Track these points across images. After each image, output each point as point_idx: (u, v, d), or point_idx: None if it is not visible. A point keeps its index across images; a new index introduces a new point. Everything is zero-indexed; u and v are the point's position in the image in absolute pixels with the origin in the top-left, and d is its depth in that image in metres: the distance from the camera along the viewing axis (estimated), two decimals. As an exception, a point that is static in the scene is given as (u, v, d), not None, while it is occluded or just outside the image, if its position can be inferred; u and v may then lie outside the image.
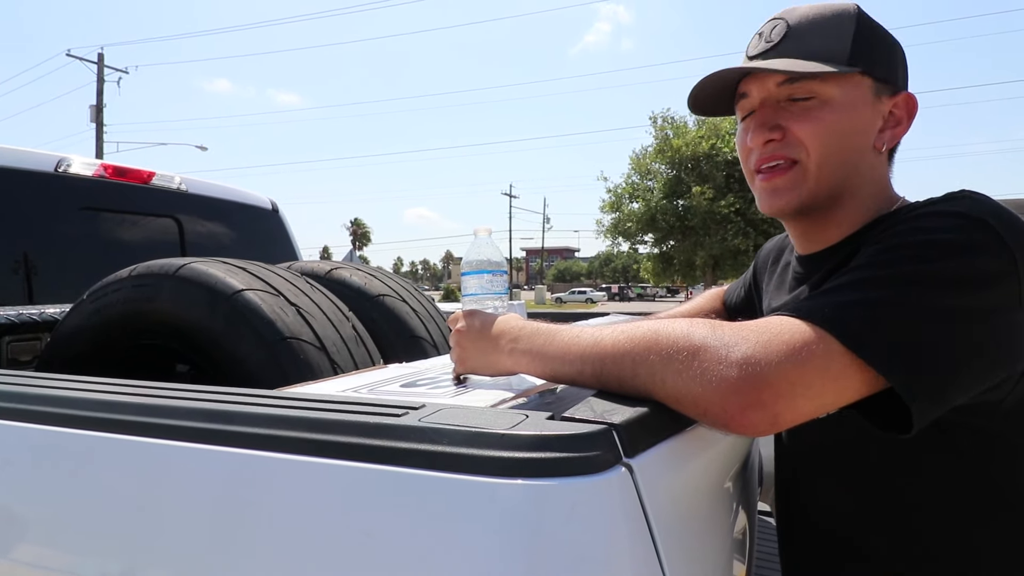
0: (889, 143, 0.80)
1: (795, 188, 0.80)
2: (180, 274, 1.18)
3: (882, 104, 0.79)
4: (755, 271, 1.15)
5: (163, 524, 0.60)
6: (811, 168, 0.78)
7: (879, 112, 0.79)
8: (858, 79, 0.77)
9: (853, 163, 0.78)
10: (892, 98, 0.80)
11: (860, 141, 0.78)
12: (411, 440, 0.51)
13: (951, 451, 0.71)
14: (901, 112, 0.80)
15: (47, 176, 2.01)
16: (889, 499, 0.76)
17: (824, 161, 0.78)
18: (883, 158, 0.82)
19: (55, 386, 0.74)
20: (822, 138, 0.77)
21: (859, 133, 0.78)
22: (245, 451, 0.56)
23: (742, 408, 0.54)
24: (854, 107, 0.77)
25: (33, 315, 1.58)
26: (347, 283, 1.52)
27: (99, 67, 20.55)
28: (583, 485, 0.46)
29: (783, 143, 0.79)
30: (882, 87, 0.79)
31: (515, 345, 0.71)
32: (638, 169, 20.17)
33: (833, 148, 0.77)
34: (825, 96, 0.76)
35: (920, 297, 0.58)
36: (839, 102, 0.77)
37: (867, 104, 0.78)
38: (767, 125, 0.80)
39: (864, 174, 0.80)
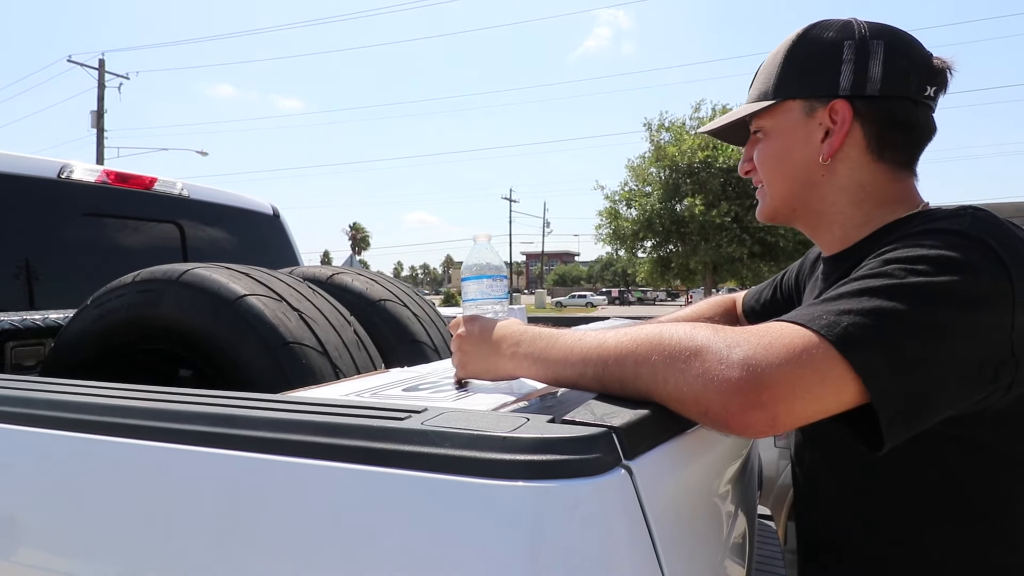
0: (827, 152, 0.82)
1: (762, 205, 0.94)
2: (183, 279, 1.19)
3: (817, 118, 0.83)
4: (796, 275, 1.17)
5: (167, 528, 0.60)
6: (766, 189, 0.91)
7: (815, 126, 0.83)
8: (787, 105, 0.85)
9: (801, 179, 0.86)
10: (826, 108, 0.82)
11: (799, 158, 0.85)
12: (414, 443, 0.51)
13: (934, 461, 0.72)
14: (837, 118, 0.81)
15: (50, 182, 2.02)
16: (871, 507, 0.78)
17: (770, 181, 0.90)
18: (851, 164, 0.82)
19: (58, 391, 0.75)
20: (763, 165, 0.90)
21: (795, 152, 0.85)
22: (248, 454, 0.57)
23: (743, 408, 0.55)
24: (784, 132, 0.86)
25: (37, 320, 1.58)
26: (349, 288, 1.53)
27: (100, 73, 20.61)
28: (583, 487, 0.47)
29: (754, 171, 0.93)
30: (813, 103, 0.83)
31: (517, 349, 0.72)
32: (635, 176, 20.20)
33: (773, 171, 0.89)
34: (766, 128, 0.88)
35: (912, 310, 0.59)
36: (773, 131, 0.87)
37: (798, 125, 0.84)
38: (744, 159, 0.96)
39: (821, 185, 0.84)
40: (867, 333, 0.58)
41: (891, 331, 0.59)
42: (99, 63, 20.61)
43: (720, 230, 18.11)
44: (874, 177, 0.82)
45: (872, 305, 0.60)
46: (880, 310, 0.59)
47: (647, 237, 19.78)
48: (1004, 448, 0.70)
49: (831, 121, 0.81)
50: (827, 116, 0.82)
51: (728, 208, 17.92)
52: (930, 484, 0.73)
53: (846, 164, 0.82)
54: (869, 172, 0.82)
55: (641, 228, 19.47)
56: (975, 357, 0.61)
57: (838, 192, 0.84)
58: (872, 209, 0.83)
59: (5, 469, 0.72)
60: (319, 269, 1.64)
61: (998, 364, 0.62)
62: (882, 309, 0.60)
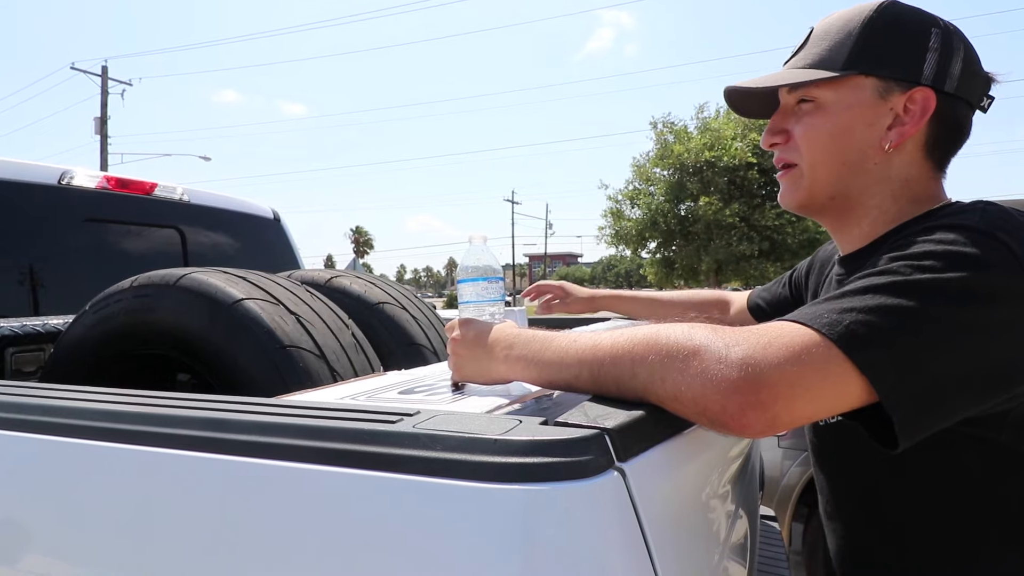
0: (895, 141, 0.77)
1: (792, 189, 0.85)
2: (181, 284, 1.18)
3: (891, 102, 0.77)
4: (805, 274, 1.15)
5: (160, 532, 0.60)
6: (805, 170, 0.83)
7: (885, 110, 0.78)
8: (858, 80, 0.78)
9: (852, 163, 0.79)
10: (905, 94, 0.77)
11: (857, 141, 0.79)
12: (405, 446, 0.51)
13: (956, 464, 0.70)
14: (915, 108, 0.77)
15: (51, 188, 2.03)
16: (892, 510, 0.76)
17: (815, 163, 0.82)
18: (905, 157, 0.79)
19: (49, 396, 0.74)
20: (812, 141, 0.81)
21: (855, 133, 0.79)
22: (240, 459, 0.57)
23: (741, 408, 0.54)
24: (849, 109, 0.78)
25: (36, 326, 1.59)
26: (347, 291, 1.53)
27: (103, 80, 20.71)
28: (575, 490, 0.46)
29: (786, 147, 0.84)
30: (891, 85, 0.77)
31: (510, 352, 0.72)
32: (639, 175, 20.15)
33: (823, 150, 0.81)
34: (821, 100, 0.80)
35: (920, 308, 0.58)
36: (833, 105, 0.79)
37: (867, 104, 0.78)
38: (772, 130, 0.86)
39: (871, 173, 0.80)
40: (871, 331, 0.57)
41: (896, 329, 0.57)
42: (102, 70, 20.71)
43: (729, 229, 18.06)
44: (920, 173, 0.80)
45: (876, 302, 0.58)
46: (885, 307, 0.58)
47: (652, 237, 19.74)
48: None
49: (904, 109, 0.77)
50: (903, 102, 0.77)
51: (737, 207, 17.87)
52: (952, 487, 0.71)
53: (901, 156, 0.79)
54: (917, 168, 0.80)
55: (646, 228, 19.43)
56: (988, 355, 0.59)
57: (882, 184, 0.80)
58: (906, 205, 0.80)
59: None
60: (317, 272, 1.63)
61: (1015, 363, 0.60)
62: (887, 306, 0.58)
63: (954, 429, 0.63)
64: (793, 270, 1.22)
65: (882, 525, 0.78)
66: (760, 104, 0.91)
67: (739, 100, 0.92)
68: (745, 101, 0.92)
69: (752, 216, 17.80)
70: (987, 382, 0.60)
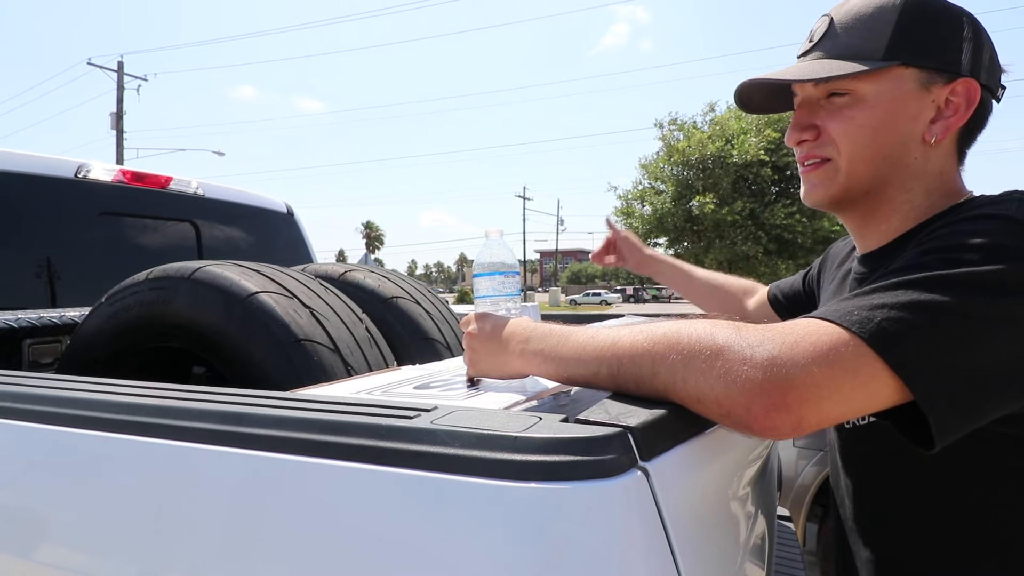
0: (941, 134, 0.75)
1: (825, 184, 0.82)
2: (195, 277, 1.18)
3: (933, 93, 0.75)
4: (819, 270, 1.12)
5: (175, 526, 0.60)
6: (842, 165, 0.79)
7: (928, 103, 0.75)
8: (898, 72, 0.75)
9: (893, 158, 0.77)
10: (947, 86, 0.74)
11: (899, 135, 0.76)
12: (423, 442, 0.50)
13: (994, 466, 0.68)
14: (959, 100, 0.74)
15: (68, 182, 2.04)
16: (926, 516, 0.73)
17: (855, 158, 0.78)
18: (941, 150, 0.77)
19: (67, 388, 0.74)
20: (852, 136, 0.77)
21: (898, 127, 0.76)
22: (257, 453, 0.56)
23: (766, 410, 0.53)
24: (891, 102, 0.75)
25: (54, 318, 1.60)
26: (361, 285, 1.53)
27: (119, 75, 20.89)
28: (597, 489, 0.45)
29: (817, 143, 0.81)
30: (933, 76, 0.74)
31: (526, 346, 0.70)
32: (649, 174, 20.06)
33: (864, 145, 0.77)
34: (860, 93, 0.76)
35: (956, 302, 0.55)
36: (874, 98, 0.76)
37: (910, 97, 0.75)
38: (800, 126, 0.82)
39: (910, 168, 0.77)
40: (903, 328, 0.54)
41: (930, 325, 0.55)
42: (118, 65, 20.89)
43: (734, 227, 17.92)
44: (951, 166, 0.78)
45: (909, 298, 0.56)
46: (918, 303, 0.55)
47: (660, 235, 19.66)
48: None
49: (946, 101, 0.75)
50: (945, 94, 0.74)
51: (743, 205, 17.72)
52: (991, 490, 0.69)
53: (938, 150, 0.77)
54: (950, 161, 0.78)
55: (653, 227, 19.35)
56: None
57: (919, 178, 0.77)
58: (939, 199, 0.77)
59: (14, 466, 0.72)
60: (331, 266, 1.63)
61: None
62: (920, 302, 0.55)
63: (991, 428, 0.61)
64: (810, 267, 1.20)
65: (915, 531, 0.75)
66: (767, 98, 0.88)
67: (745, 94, 0.87)
68: (751, 95, 0.88)
69: (762, 214, 17.63)
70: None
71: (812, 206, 0.86)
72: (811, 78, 0.77)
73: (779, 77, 0.80)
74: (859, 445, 0.83)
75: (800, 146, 0.83)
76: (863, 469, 0.83)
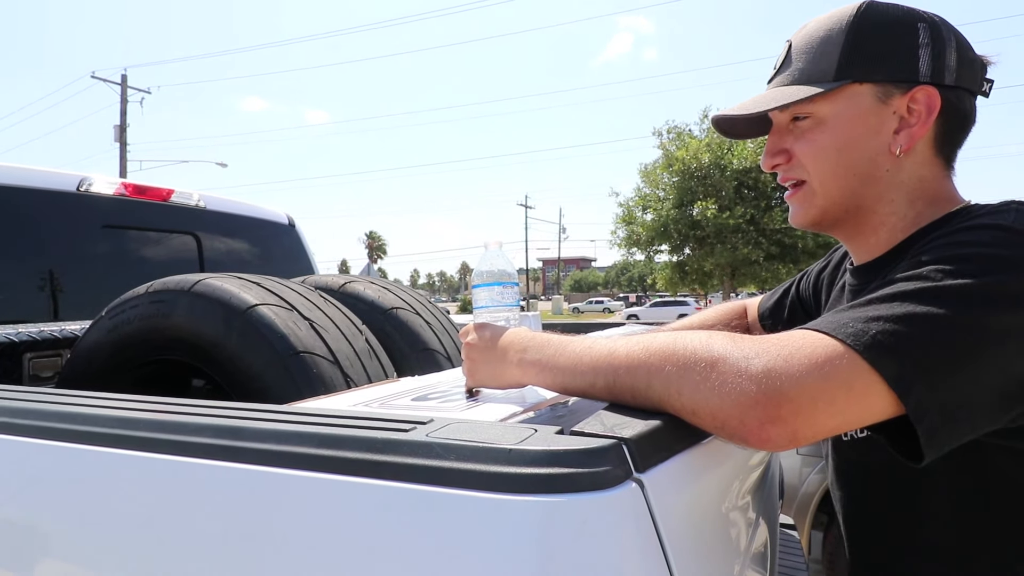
0: (905, 144, 0.74)
1: (805, 207, 0.82)
2: (195, 290, 1.19)
3: (892, 105, 0.75)
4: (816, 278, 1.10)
5: (171, 542, 0.59)
6: (815, 187, 0.80)
7: (888, 115, 0.75)
8: (853, 89, 0.75)
9: (863, 173, 0.77)
10: (906, 95, 0.74)
11: (865, 150, 0.76)
12: (418, 456, 0.50)
13: (990, 477, 0.67)
14: (920, 107, 0.74)
15: (70, 195, 2.06)
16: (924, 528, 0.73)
17: (825, 178, 0.79)
18: (915, 159, 0.76)
19: (63, 403, 0.74)
20: (818, 157, 0.78)
21: (862, 143, 0.76)
22: (252, 467, 0.56)
23: (761, 422, 0.52)
24: (850, 120, 0.76)
25: (54, 332, 1.60)
26: (360, 296, 1.53)
27: (123, 88, 21.05)
28: (592, 501, 0.45)
29: (789, 166, 0.82)
30: (889, 88, 0.74)
31: (524, 356, 0.70)
32: (648, 182, 20.13)
33: (831, 164, 0.78)
34: (819, 115, 0.77)
35: (952, 315, 0.55)
36: (833, 119, 0.77)
37: (869, 112, 0.75)
38: (771, 151, 0.83)
39: (884, 180, 0.77)
40: (899, 341, 0.54)
41: (926, 338, 0.54)
42: (122, 78, 21.06)
43: (735, 232, 17.93)
44: (932, 173, 0.77)
45: (905, 310, 0.55)
46: (914, 315, 0.55)
47: (662, 242, 19.69)
48: None
49: (908, 110, 0.74)
50: (905, 104, 0.74)
51: (744, 211, 17.74)
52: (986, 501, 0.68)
53: (912, 158, 0.76)
54: (929, 167, 0.77)
55: (656, 235, 19.38)
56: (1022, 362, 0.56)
57: (896, 189, 0.77)
58: (924, 208, 0.77)
59: (9, 480, 0.72)
60: (331, 278, 1.63)
61: None
62: (916, 314, 0.55)
63: (986, 441, 0.60)
64: (802, 274, 1.17)
65: (912, 543, 0.75)
66: (748, 126, 0.89)
67: (727, 125, 0.88)
68: (733, 125, 0.89)
69: (762, 219, 17.63)
70: (1020, 390, 0.57)
71: (799, 228, 0.86)
72: (762, 109, 0.78)
73: (735, 112, 0.82)
74: (854, 458, 0.82)
75: (775, 170, 0.84)
76: (859, 482, 0.83)
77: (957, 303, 0.55)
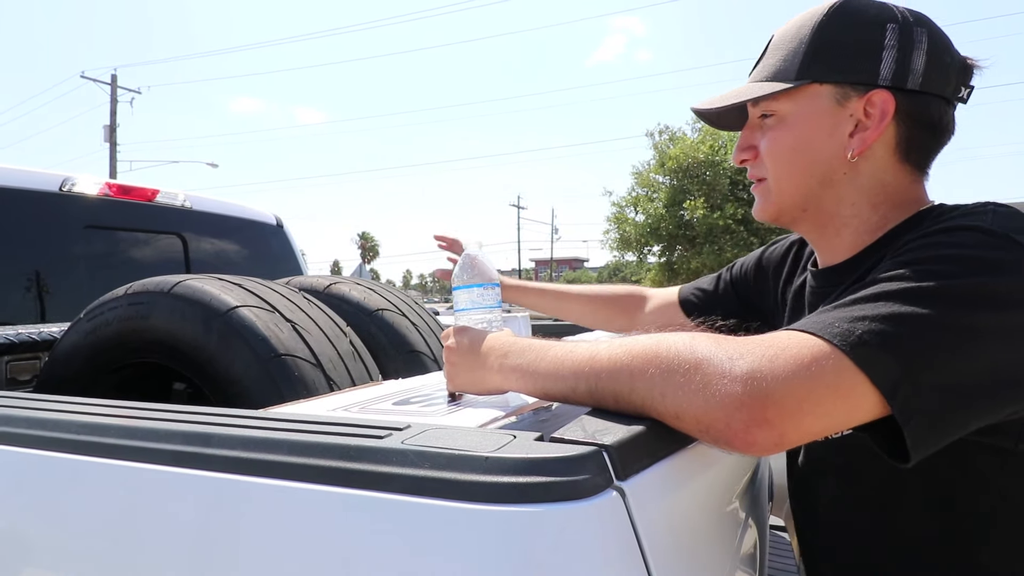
0: (858, 148, 0.73)
1: (763, 203, 0.84)
2: (175, 291, 1.16)
3: (849, 108, 0.74)
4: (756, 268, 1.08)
5: (136, 553, 0.57)
6: (771, 184, 0.81)
7: (845, 117, 0.74)
8: (814, 89, 0.75)
9: (818, 174, 0.77)
10: (863, 98, 0.73)
11: (820, 152, 0.76)
12: (392, 464, 0.48)
13: (972, 476, 0.67)
14: (875, 111, 0.73)
15: (52, 196, 2.02)
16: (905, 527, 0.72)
17: (780, 176, 0.80)
18: (875, 163, 0.75)
19: (22, 407, 0.72)
20: (775, 155, 0.79)
21: (817, 144, 0.76)
22: (221, 475, 0.54)
23: (747, 425, 0.51)
24: (807, 119, 0.76)
25: (32, 335, 1.57)
26: (345, 298, 1.51)
27: (112, 88, 20.89)
28: (570, 511, 0.44)
29: (755, 162, 0.83)
30: (847, 90, 0.74)
31: (504, 361, 0.69)
32: (640, 182, 20.21)
33: (786, 163, 0.79)
34: (782, 113, 0.78)
35: (937, 315, 0.55)
36: (792, 117, 0.77)
37: (825, 113, 0.75)
38: (740, 147, 0.84)
39: (840, 183, 0.76)
40: (885, 341, 0.54)
41: (912, 338, 0.54)
42: (111, 78, 20.90)
43: (725, 233, 18.00)
44: (896, 179, 0.76)
45: (890, 311, 0.55)
46: (899, 315, 0.55)
47: (654, 242, 19.77)
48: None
49: (864, 113, 0.73)
50: (862, 107, 0.73)
51: (734, 210, 17.81)
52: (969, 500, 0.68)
53: (871, 162, 0.75)
54: (892, 173, 0.76)
55: (647, 235, 19.45)
56: (1006, 362, 0.56)
57: (857, 192, 0.77)
58: (889, 211, 0.76)
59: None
60: (316, 279, 1.61)
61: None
62: (901, 314, 0.55)
63: (968, 440, 0.60)
64: (731, 266, 1.15)
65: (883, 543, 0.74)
66: (732, 118, 0.88)
67: (715, 118, 0.89)
68: (721, 118, 0.88)
69: (754, 221, 17.72)
70: (1005, 390, 0.57)
71: (760, 221, 0.87)
72: (727, 104, 0.80)
73: (705, 107, 0.84)
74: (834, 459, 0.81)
75: (743, 165, 0.85)
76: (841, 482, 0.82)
77: (942, 304, 0.55)
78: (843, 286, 0.74)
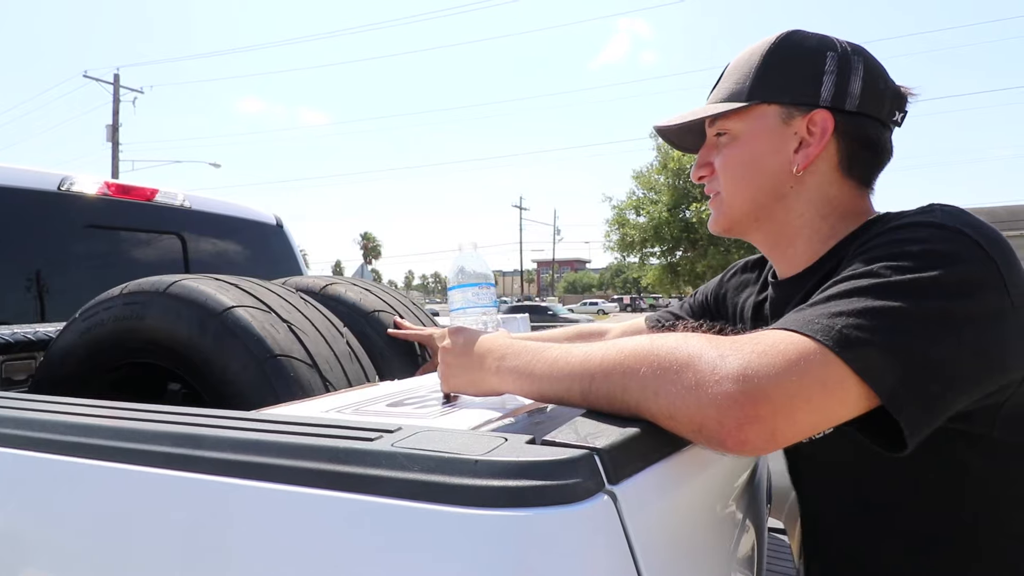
0: (802, 163, 0.79)
1: (716, 216, 0.90)
2: (170, 291, 1.16)
3: (793, 126, 0.80)
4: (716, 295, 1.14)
5: (125, 557, 0.57)
6: (724, 198, 0.87)
7: (790, 135, 0.80)
8: (761, 109, 0.81)
9: (767, 188, 0.82)
10: (805, 117, 0.79)
11: (768, 167, 0.82)
12: (381, 467, 0.48)
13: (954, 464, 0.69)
14: (816, 129, 0.79)
15: (50, 195, 2.02)
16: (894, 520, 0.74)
17: (731, 190, 0.86)
18: (820, 178, 0.81)
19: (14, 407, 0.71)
20: (727, 170, 0.85)
21: (764, 160, 0.82)
22: (211, 477, 0.53)
23: (739, 423, 0.52)
24: (755, 137, 0.82)
25: (27, 334, 1.57)
26: (342, 299, 1.50)
27: (115, 88, 20.92)
28: (560, 516, 0.43)
29: (712, 178, 0.89)
30: (791, 110, 0.80)
31: (502, 363, 0.69)
32: (642, 184, 20.23)
33: (737, 178, 0.84)
34: (734, 132, 0.84)
35: (908, 306, 0.57)
36: (742, 135, 0.83)
37: (772, 131, 0.81)
38: (699, 163, 0.90)
39: (788, 196, 0.82)
40: (865, 333, 0.56)
41: (889, 329, 0.57)
42: (114, 78, 20.93)
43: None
44: (841, 192, 0.82)
45: (864, 305, 0.58)
46: (874, 309, 0.57)
47: (655, 244, 19.77)
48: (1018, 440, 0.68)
49: (807, 131, 0.79)
50: (805, 126, 0.79)
51: None
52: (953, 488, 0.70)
53: (816, 177, 0.81)
54: (837, 187, 0.82)
55: (649, 237, 19.45)
56: (978, 345, 0.59)
57: (805, 204, 0.82)
58: (838, 222, 0.82)
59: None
60: (313, 279, 1.60)
61: (1005, 349, 0.61)
62: (875, 308, 0.57)
63: (948, 427, 0.62)
64: (693, 294, 1.22)
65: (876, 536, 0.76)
66: (695, 141, 0.93)
67: (676, 138, 0.94)
68: (683, 140, 0.94)
69: None
70: (981, 368, 0.60)
71: (715, 233, 0.93)
72: (681, 122, 0.87)
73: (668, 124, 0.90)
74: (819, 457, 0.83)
75: (701, 181, 0.91)
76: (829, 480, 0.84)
77: (909, 295, 0.58)
78: (804, 291, 0.78)
